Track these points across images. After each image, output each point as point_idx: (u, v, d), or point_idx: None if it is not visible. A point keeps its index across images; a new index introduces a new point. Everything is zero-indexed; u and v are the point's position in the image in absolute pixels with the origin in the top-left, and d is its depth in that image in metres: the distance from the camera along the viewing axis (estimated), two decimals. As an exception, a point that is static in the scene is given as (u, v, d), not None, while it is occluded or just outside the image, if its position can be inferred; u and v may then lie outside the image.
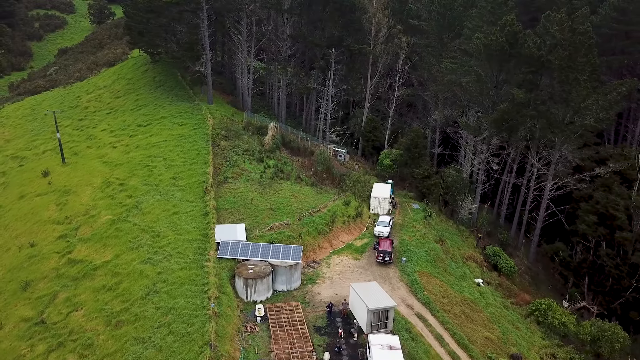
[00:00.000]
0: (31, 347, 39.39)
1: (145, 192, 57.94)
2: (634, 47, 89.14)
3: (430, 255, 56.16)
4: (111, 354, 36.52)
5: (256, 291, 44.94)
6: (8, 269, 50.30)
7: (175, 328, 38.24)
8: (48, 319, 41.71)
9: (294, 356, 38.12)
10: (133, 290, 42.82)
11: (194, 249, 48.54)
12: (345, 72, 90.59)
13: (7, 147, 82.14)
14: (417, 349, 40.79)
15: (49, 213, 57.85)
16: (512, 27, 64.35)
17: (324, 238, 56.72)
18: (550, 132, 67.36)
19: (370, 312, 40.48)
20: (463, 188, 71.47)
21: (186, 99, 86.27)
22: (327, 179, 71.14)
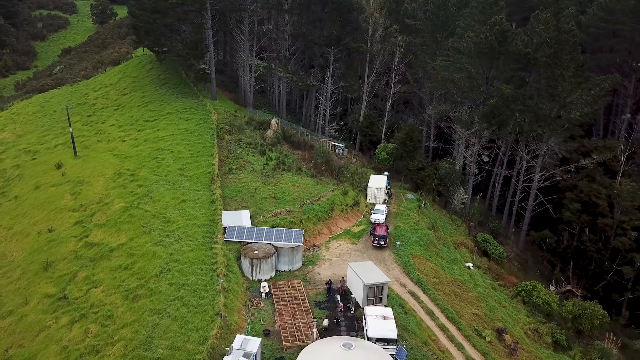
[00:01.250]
0: (55, 319, 42.98)
1: (154, 182, 61.53)
2: (620, 45, 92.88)
3: (423, 240, 59.84)
4: (130, 324, 40.13)
5: (261, 270, 48.57)
6: (29, 252, 53.89)
7: (187, 301, 41.88)
8: (70, 295, 45.32)
9: (296, 326, 41.80)
10: (147, 269, 46.42)
11: (202, 233, 52.14)
12: (344, 70, 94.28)
13: (20, 141, 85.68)
14: (409, 321, 44.43)
15: (64, 201, 61.43)
16: (501, 26, 68.00)
17: (324, 224, 60.40)
18: (537, 126, 71.10)
19: (366, 288, 44.13)
20: (455, 179, 75.22)
21: (190, 95, 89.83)
22: (326, 170, 74.72)
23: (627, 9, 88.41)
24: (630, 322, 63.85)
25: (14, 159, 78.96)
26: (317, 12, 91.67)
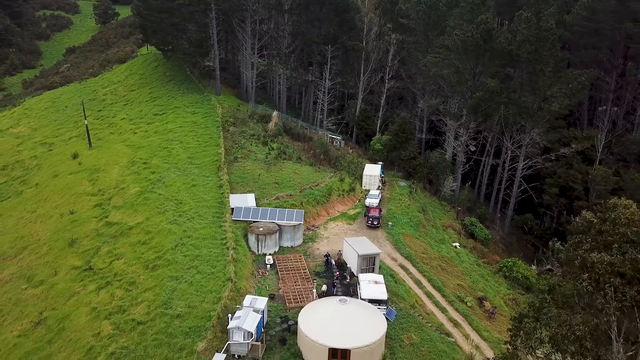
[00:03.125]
0: (83, 286, 48.16)
1: (166, 169, 66.71)
2: (602, 43, 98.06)
3: (414, 221, 65.19)
4: (151, 288, 45.36)
5: (266, 245, 53.85)
6: (53, 231, 59.03)
7: (201, 269, 47.12)
8: (95, 266, 50.49)
9: (298, 291, 47.10)
10: (164, 243, 51.62)
11: (212, 213, 57.37)
12: (341, 66, 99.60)
13: (35, 134, 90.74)
14: (398, 289, 49.74)
15: (83, 187, 66.57)
16: (486, 25, 73.33)
17: (322, 207, 65.70)
18: (521, 118, 76.47)
19: (360, 258, 49.46)
20: (445, 168, 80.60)
21: (196, 91, 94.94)
22: (325, 160, 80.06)
23: (608, 9, 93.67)
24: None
25: (31, 151, 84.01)
26: (315, 12, 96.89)
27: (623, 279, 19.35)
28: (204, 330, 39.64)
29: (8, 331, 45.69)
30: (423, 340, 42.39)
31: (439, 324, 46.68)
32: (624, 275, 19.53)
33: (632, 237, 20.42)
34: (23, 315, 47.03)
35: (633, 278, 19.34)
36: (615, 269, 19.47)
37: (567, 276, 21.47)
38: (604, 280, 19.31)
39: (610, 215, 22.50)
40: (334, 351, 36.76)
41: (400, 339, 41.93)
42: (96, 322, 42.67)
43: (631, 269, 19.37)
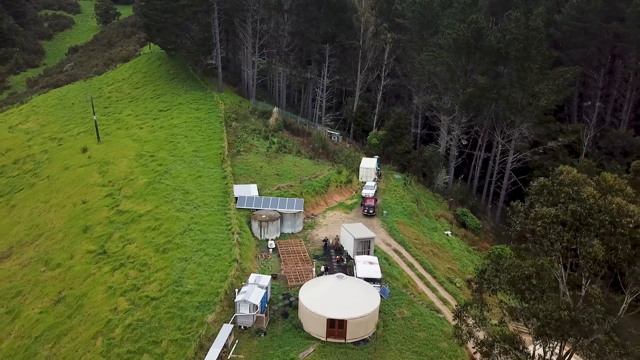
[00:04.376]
0: (99, 268, 51.69)
1: (172, 162, 70.24)
2: (591, 42, 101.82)
3: (407, 210, 68.85)
4: (162, 269, 48.92)
5: (268, 231, 57.43)
6: (67, 219, 62.54)
7: (209, 252, 50.71)
8: (108, 250, 54.02)
9: (299, 271, 50.71)
10: (173, 229, 55.16)
11: (217, 202, 60.95)
12: (338, 65, 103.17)
13: (44, 130, 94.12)
14: (392, 270, 53.34)
15: (93, 179, 70.06)
16: (477, 24, 76.94)
17: (321, 197, 69.33)
18: (510, 113, 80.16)
19: (356, 241, 53.08)
20: (438, 162, 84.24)
21: (199, 88, 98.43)
22: (323, 154, 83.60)
23: (596, 9, 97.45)
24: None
25: (41, 145, 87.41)
26: (313, 11, 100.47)
27: (565, 226, 22.97)
28: (212, 305, 43.24)
29: (30, 309, 49.22)
30: (414, 314, 46.01)
31: (429, 302, 50.29)
32: (565, 223, 23.15)
33: (573, 195, 24.00)
34: (43, 295, 50.56)
35: (572, 225, 22.99)
36: (559, 219, 23.08)
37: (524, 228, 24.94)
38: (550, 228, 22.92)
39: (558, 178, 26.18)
40: (332, 321, 40.39)
41: (393, 313, 45.55)
42: (112, 299, 46.23)
43: (571, 218, 23.00)
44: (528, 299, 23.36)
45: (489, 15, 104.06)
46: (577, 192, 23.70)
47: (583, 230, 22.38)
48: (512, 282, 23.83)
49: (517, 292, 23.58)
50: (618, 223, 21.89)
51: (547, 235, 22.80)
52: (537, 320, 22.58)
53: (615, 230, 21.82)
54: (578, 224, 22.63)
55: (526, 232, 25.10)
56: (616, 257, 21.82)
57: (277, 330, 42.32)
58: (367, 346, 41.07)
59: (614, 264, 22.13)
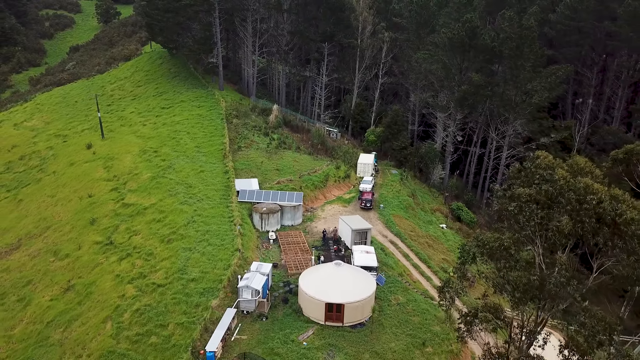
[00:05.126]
0: (106, 258, 53.75)
1: (175, 157, 72.28)
2: (584, 41, 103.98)
3: (403, 204, 70.97)
4: (168, 258, 50.99)
5: (269, 223, 59.52)
6: (74, 212, 64.58)
7: (212, 242, 52.79)
8: (115, 241, 56.06)
9: (299, 260, 52.83)
10: (177, 221, 57.22)
11: (219, 195, 63.03)
12: (337, 63, 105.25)
13: (49, 127, 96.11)
14: (388, 260, 55.48)
15: (99, 174, 72.10)
16: (471, 23, 79.02)
17: (319, 192, 71.44)
18: (504, 110, 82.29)
19: (354, 232, 55.20)
20: (434, 157, 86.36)
21: (200, 86, 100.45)
22: (322, 150, 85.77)
23: (589, 8, 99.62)
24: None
25: (46, 142, 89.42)
26: (312, 11, 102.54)
27: (538, 205, 25.12)
28: (216, 291, 45.37)
29: (40, 296, 51.28)
30: (408, 300, 48.14)
31: (423, 290, 52.42)
32: (539, 202, 25.30)
33: (546, 176, 26.17)
34: (53, 283, 52.61)
35: (545, 203, 25.17)
36: (533, 198, 25.25)
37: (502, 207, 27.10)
38: (524, 206, 25.09)
39: (534, 162, 28.43)
40: (330, 306, 42.53)
41: (389, 299, 47.68)
42: (120, 286, 48.31)
43: (544, 197, 25.17)
44: (502, 267, 25.60)
45: (485, 15, 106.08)
46: (551, 174, 25.93)
47: (554, 207, 24.59)
48: (490, 254, 26.04)
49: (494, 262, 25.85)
50: (584, 200, 24.07)
51: (522, 212, 25.03)
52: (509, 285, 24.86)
53: (582, 207, 24.00)
54: (550, 203, 24.83)
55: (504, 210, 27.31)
56: (582, 230, 24.04)
57: (278, 315, 44.44)
58: (363, 329, 43.21)
59: (581, 236, 24.33)
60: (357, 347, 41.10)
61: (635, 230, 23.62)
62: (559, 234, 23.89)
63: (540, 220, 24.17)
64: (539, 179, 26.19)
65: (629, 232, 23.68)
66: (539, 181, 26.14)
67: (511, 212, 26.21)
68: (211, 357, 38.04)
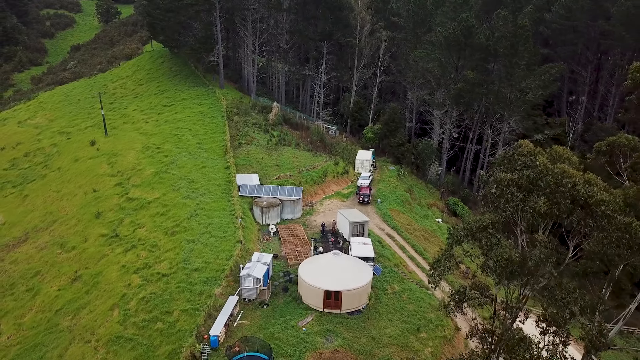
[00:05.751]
0: (112, 250, 55.49)
1: (178, 153, 74.01)
2: (578, 40, 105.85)
3: (400, 199, 72.77)
4: (172, 249, 52.73)
5: (269, 217, 61.29)
6: (80, 206, 66.29)
7: (214, 234, 54.54)
8: (120, 234, 57.78)
9: (298, 252, 54.60)
10: (180, 214, 58.96)
11: (221, 190, 64.76)
12: (335, 62, 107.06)
13: (52, 125, 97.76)
14: (384, 252, 57.25)
15: (103, 170, 73.79)
16: (466, 22, 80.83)
17: (318, 187, 73.18)
18: (499, 107, 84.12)
19: (351, 225, 56.98)
20: (431, 154, 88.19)
21: (201, 84, 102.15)
22: (321, 146, 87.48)
23: (583, 8, 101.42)
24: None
25: (50, 139, 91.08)
26: (311, 10, 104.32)
27: (519, 188, 26.93)
28: (219, 280, 47.12)
29: (49, 287, 53.01)
30: (404, 289, 49.94)
31: (419, 280, 54.19)
32: (520, 186, 27.10)
33: (528, 162, 28.01)
34: (60, 274, 54.34)
35: (526, 187, 27.05)
36: (514, 182, 27.08)
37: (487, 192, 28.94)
38: (506, 190, 26.93)
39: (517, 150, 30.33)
40: (328, 293, 44.30)
41: (385, 288, 49.47)
42: (126, 276, 50.05)
43: (525, 181, 27.05)
44: (485, 245, 27.49)
45: (482, 14, 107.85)
46: (532, 161, 27.77)
47: (534, 191, 26.42)
48: (473, 235, 27.95)
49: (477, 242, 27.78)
50: (560, 183, 25.90)
51: (504, 195, 26.85)
52: (491, 262, 26.73)
53: (558, 189, 25.83)
54: (530, 186, 26.66)
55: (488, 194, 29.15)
56: (558, 210, 25.86)
57: (279, 302, 46.21)
58: (360, 316, 45.00)
59: (557, 216, 26.15)
60: (354, 333, 42.89)
61: (605, 210, 25.51)
62: (536, 214, 25.72)
63: (520, 202, 26.01)
64: (521, 165, 28.04)
65: (600, 212, 25.58)
66: (520, 167, 27.98)
67: (493, 195, 28.09)
68: (215, 341, 39.81)
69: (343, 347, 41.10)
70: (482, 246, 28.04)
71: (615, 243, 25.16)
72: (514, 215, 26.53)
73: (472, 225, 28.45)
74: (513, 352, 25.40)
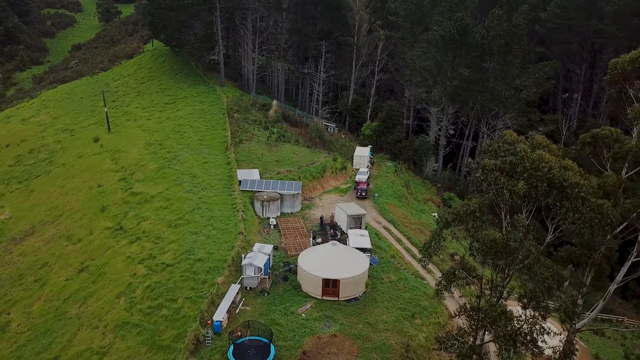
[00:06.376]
0: (117, 242, 57.25)
1: (180, 149, 75.78)
2: (573, 38, 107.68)
3: (397, 194, 74.59)
4: (175, 241, 54.51)
5: (269, 210, 63.07)
6: (84, 201, 68.04)
7: (216, 226, 56.32)
8: (125, 226, 59.56)
9: (298, 243, 56.41)
10: (183, 207, 60.75)
11: (222, 184, 66.53)
12: (334, 60, 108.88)
13: (56, 122, 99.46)
14: (381, 243, 59.05)
15: (107, 165, 75.56)
16: (462, 21, 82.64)
17: (317, 182, 74.99)
18: (494, 104, 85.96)
19: (349, 217, 58.79)
20: (427, 150, 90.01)
21: (202, 83, 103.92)
22: (320, 143, 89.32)
23: (578, 7, 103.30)
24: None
25: (54, 136, 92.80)
26: (310, 10, 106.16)
27: (502, 173, 28.87)
28: (221, 269, 48.90)
29: (56, 277, 54.78)
30: (400, 279, 51.76)
31: (414, 271, 56.00)
32: (502, 170, 29.03)
33: (511, 150, 29.91)
34: (67, 265, 56.13)
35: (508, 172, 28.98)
36: (498, 167, 29.00)
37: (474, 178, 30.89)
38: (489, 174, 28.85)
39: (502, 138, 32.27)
40: (327, 281, 46.12)
41: (381, 277, 51.28)
42: (131, 266, 51.84)
43: (508, 166, 28.99)
44: (471, 227, 29.36)
45: (478, 13, 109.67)
46: (514, 148, 29.71)
47: (515, 176, 28.33)
48: (460, 219, 29.86)
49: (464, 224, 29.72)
50: (537, 167, 27.80)
51: (487, 179, 28.77)
52: (477, 243, 28.63)
53: (536, 173, 27.75)
54: (512, 171, 28.57)
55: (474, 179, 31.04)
56: (536, 193, 27.77)
57: (279, 291, 48.02)
58: (357, 303, 46.81)
59: (535, 198, 28.08)
60: (352, 319, 44.71)
61: (578, 192, 27.42)
62: (515, 196, 27.61)
63: (502, 185, 27.89)
64: (504, 152, 29.94)
65: (574, 194, 27.47)
66: (504, 154, 29.89)
67: (477, 179, 30.04)
68: (218, 326, 41.60)
69: (341, 332, 42.91)
70: (469, 229, 29.91)
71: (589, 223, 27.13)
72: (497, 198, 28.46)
73: (460, 209, 30.38)
74: (495, 324, 27.36)
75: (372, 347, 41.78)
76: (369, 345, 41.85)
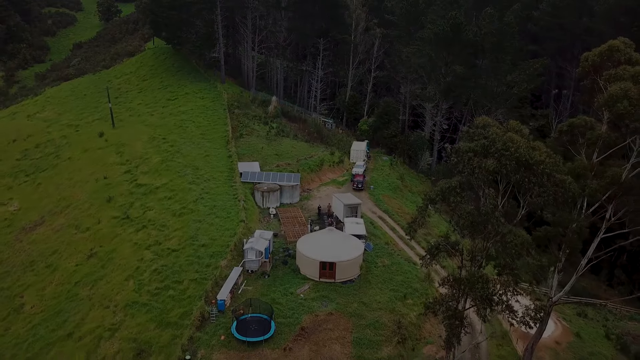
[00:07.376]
0: (124, 230, 60.03)
1: (182, 143, 78.58)
2: (564, 36, 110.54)
3: (392, 186, 77.47)
4: (180, 228, 57.32)
5: (269, 200, 65.88)
6: (91, 192, 70.76)
7: (219, 214, 59.15)
8: (131, 215, 62.33)
9: (296, 230, 59.24)
10: (186, 198, 63.55)
11: (224, 176, 69.35)
12: (332, 58, 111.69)
13: (61, 118, 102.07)
14: (376, 231, 61.94)
15: (112, 159, 78.30)
16: (455, 19, 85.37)
17: (315, 175, 77.85)
18: (486, 100, 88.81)
19: (345, 207, 61.63)
20: (422, 145, 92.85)
21: (203, 80, 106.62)
22: (318, 138, 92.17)
23: (570, 5, 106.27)
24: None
25: (59, 131, 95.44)
26: (308, 8, 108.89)
27: (476, 154, 31.80)
28: (224, 254, 51.77)
29: (67, 263, 57.56)
30: (393, 263, 54.67)
31: (407, 257, 58.90)
32: (476, 152, 31.95)
33: (485, 134, 32.84)
34: (77, 252, 58.89)
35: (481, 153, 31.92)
36: (472, 149, 31.94)
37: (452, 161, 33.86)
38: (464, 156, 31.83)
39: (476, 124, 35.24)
40: (323, 264, 48.98)
41: (375, 262, 54.17)
42: (139, 252, 54.65)
43: (480, 148, 31.90)
44: (452, 202, 32.37)
45: (472, 11, 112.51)
46: (487, 131, 32.69)
47: (488, 157, 31.32)
48: (442, 196, 32.86)
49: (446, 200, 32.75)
50: (507, 147, 30.84)
51: (462, 160, 31.81)
52: (456, 216, 31.68)
53: (505, 153, 30.81)
54: (485, 153, 31.53)
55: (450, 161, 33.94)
56: (506, 170, 30.87)
57: (279, 274, 50.88)
58: (352, 285, 49.69)
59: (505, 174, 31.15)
60: (347, 299, 47.58)
61: (543, 169, 30.40)
62: (485, 172, 30.63)
63: (475, 165, 30.90)
64: (479, 136, 32.88)
65: (539, 170, 30.48)
66: (478, 137, 32.83)
67: (453, 161, 33.06)
68: (221, 305, 44.43)
69: (337, 310, 45.78)
70: (450, 203, 32.88)
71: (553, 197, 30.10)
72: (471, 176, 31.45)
73: (442, 186, 33.38)
74: (474, 288, 30.35)
75: (366, 324, 44.68)
76: (363, 322, 44.75)
